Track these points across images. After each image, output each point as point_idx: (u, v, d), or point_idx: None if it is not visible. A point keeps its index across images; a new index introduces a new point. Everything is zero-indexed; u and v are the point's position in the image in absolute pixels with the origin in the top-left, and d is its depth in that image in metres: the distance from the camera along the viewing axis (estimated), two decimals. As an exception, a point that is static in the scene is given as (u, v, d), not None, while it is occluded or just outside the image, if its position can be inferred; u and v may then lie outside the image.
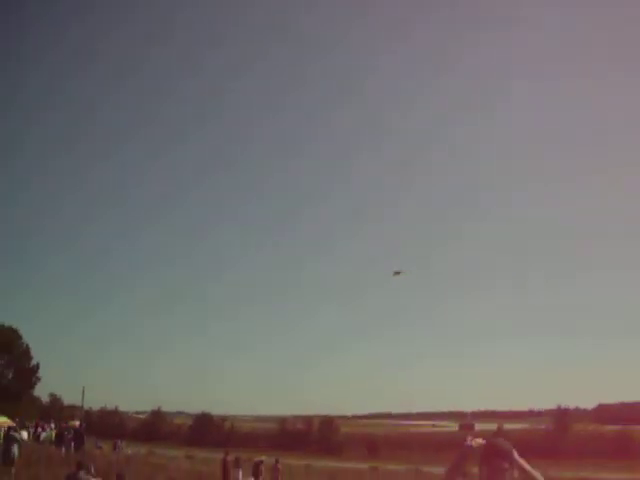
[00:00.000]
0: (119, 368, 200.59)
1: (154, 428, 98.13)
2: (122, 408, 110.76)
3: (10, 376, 76.99)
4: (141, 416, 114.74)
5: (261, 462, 26.96)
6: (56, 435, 38.57)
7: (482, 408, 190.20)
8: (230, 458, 24.16)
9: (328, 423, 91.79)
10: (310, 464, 51.31)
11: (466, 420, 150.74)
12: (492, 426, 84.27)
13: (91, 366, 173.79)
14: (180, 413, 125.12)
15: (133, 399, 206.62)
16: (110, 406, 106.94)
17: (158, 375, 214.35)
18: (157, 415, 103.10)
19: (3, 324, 76.21)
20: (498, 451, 3.58)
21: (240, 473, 22.90)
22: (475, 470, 3.96)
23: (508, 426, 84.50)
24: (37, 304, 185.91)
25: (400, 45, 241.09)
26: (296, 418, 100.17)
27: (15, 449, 21.22)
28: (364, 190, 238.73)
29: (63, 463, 22.70)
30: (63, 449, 33.11)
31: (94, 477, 14.02)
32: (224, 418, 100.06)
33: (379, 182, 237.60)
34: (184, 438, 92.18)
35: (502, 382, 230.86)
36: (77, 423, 48.37)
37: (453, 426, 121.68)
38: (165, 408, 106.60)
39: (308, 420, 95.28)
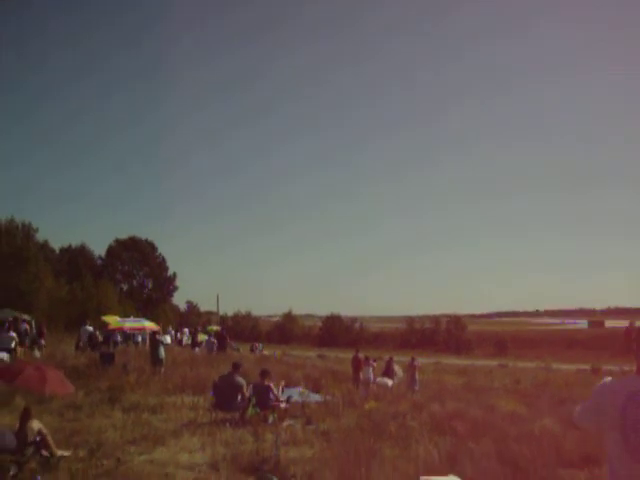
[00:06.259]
0: (250, 275, 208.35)
1: (286, 330, 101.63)
2: (255, 313, 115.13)
3: (150, 286, 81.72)
4: (273, 319, 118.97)
5: (392, 359, 27.50)
6: (193, 339, 41.08)
7: (612, 305, 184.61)
8: (361, 356, 24.79)
9: (455, 322, 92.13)
10: (439, 361, 52.05)
11: (595, 317, 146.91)
12: (623, 323, 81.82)
13: (224, 275, 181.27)
14: (310, 315, 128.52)
15: (264, 304, 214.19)
16: (243, 311, 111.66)
17: (287, 279, 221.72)
18: (288, 318, 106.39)
19: (140, 238, 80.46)
20: None
21: (371, 370, 23.50)
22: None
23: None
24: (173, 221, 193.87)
25: None
26: (423, 318, 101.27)
27: (162, 351, 22.74)
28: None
29: (206, 364, 24.14)
30: (197, 349, 35.55)
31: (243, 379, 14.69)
32: (353, 319, 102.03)
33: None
34: (315, 339, 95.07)
35: (633, 278, 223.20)
36: (218, 328, 51.05)
37: (583, 323, 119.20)
38: (295, 311, 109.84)
39: (435, 319, 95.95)
